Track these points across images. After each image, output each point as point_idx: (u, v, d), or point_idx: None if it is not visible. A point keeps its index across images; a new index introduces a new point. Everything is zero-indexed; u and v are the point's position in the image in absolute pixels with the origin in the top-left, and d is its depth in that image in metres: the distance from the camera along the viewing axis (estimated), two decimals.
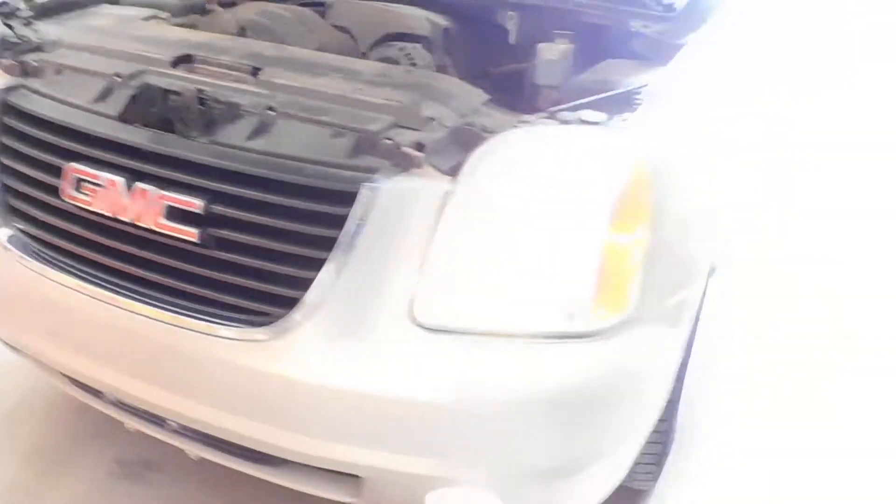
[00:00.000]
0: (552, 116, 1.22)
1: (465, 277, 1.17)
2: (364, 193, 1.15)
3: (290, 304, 1.19)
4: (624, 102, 1.26)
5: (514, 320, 1.17)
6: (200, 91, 1.30)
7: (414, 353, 1.17)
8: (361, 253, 1.16)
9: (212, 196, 1.23)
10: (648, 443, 1.58)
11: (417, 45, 1.69)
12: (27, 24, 1.61)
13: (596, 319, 1.18)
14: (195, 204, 1.22)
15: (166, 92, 1.32)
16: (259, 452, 1.33)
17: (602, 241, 1.16)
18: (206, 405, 1.29)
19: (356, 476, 1.29)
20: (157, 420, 1.43)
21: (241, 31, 1.76)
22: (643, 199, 1.18)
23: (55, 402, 2.05)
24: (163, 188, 1.25)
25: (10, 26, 1.60)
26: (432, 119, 1.22)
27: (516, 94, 1.53)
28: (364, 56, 1.67)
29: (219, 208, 1.22)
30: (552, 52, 1.55)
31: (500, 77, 1.74)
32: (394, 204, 1.16)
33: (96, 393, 1.50)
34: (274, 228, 1.20)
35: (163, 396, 1.32)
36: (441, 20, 1.79)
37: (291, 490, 1.42)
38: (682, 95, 1.38)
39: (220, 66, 1.39)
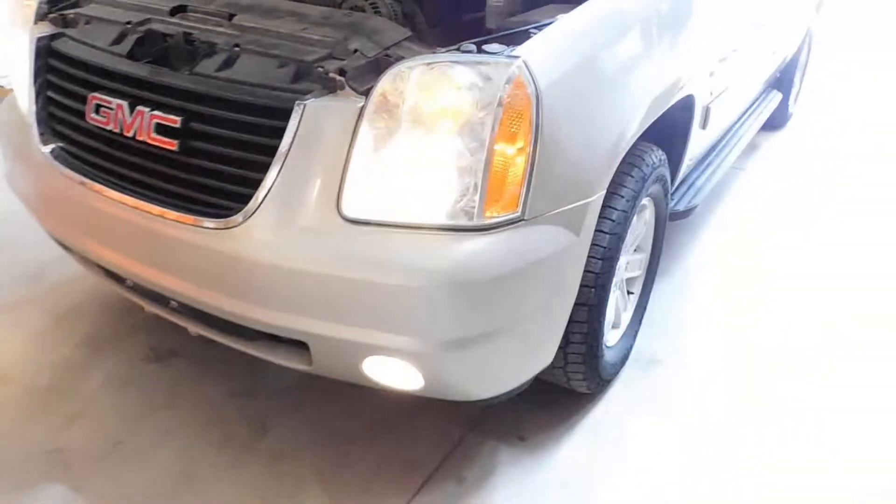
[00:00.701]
0: (458, 49, 1.46)
1: (377, 179, 1.44)
2: (297, 110, 1.43)
3: (244, 200, 1.49)
4: (523, 36, 1.49)
5: (418, 215, 1.44)
6: (187, 34, 1.63)
7: (340, 240, 1.46)
8: (297, 159, 1.45)
9: (188, 115, 1.54)
10: (572, 343, 1.83)
11: None
12: None
13: (486, 216, 1.43)
14: (175, 120, 1.55)
15: (163, 35, 1.65)
16: (234, 325, 1.65)
17: (487, 150, 1.39)
18: (187, 282, 1.62)
19: (306, 345, 1.59)
20: (162, 300, 1.78)
21: None
22: (524, 116, 1.41)
23: (108, 302, 2.47)
24: (153, 109, 1.58)
25: None
26: (356, 51, 1.49)
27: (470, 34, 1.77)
28: (338, 5, 1.94)
29: (193, 124, 1.54)
30: (497, 0, 1.79)
31: (459, 23, 1.98)
32: (320, 118, 1.44)
33: (119, 279, 1.87)
34: (232, 139, 1.51)
35: (158, 276, 1.66)
36: None
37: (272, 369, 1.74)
38: (579, 28, 1.57)
39: (205, 13, 1.71)
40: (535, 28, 1.52)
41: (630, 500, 1.83)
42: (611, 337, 2.13)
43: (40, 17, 1.93)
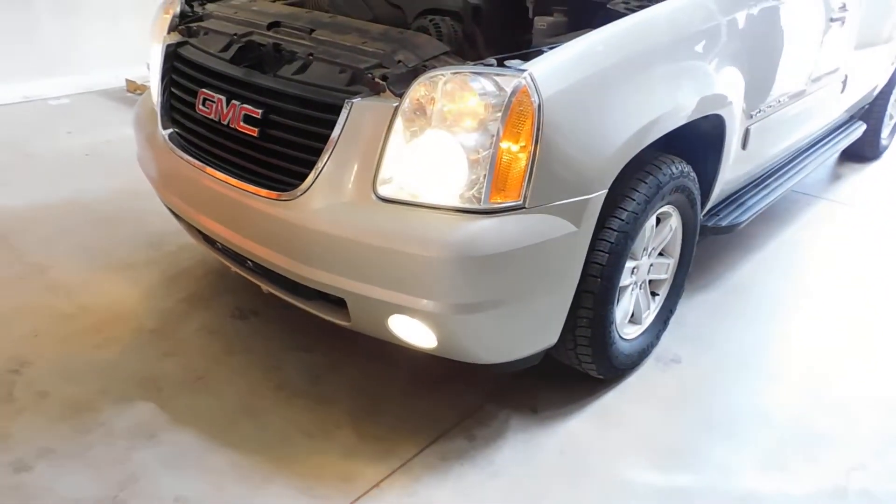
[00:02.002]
0: (482, 63, 1.76)
1: (406, 166, 1.77)
2: (346, 107, 1.79)
3: (303, 178, 1.86)
4: (539, 54, 1.77)
5: (437, 197, 1.75)
6: (276, 44, 2.02)
7: (374, 215, 1.79)
8: (343, 147, 1.80)
9: (267, 108, 1.93)
10: (579, 326, 2.07)
11: (446, 18, 2.27)
12: (201, 3, 2.44)
13: (491, 202, 1.72)
14: (257, 112, 1.94)
15: (259, 44, 2.06)
16: (293, 284, 2.02)
17: (495, 147, 1.68)
18: (258, 244, 2.00)
19: (344, 303, 1.93)
20: (242, 261, 2.18)
21: (325, 7, 2.48)
22: (527, 120, 1.68)
23: (210, 268, 2.93)
24: (243, 103, 1.98)
25: (190, 5, 2.45)
26: (399, 61, 1.83)
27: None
28: (408, 25, 2.28)
29: (271, 116, 1.93)
30: (541, 23, 2.09)
31: (511, 43, 2.28)
32: (364, 115, 1.79)
33: (212, 242, 2.29)
34: (297, 129, 1.89)
35: (238, 238, 2.06)
36: None
37: (340, 333, 2.08)
38: (586, 50, 1.83)
39: (293, 28, 2.10)
40: (548, 48, 1.80)
41: (615, 471, 2.04)
42: (629, 330, 2.33)
43: (172, 28, 2.41)
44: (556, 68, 1.75)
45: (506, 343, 1.94)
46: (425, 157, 1.75)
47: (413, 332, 1.88)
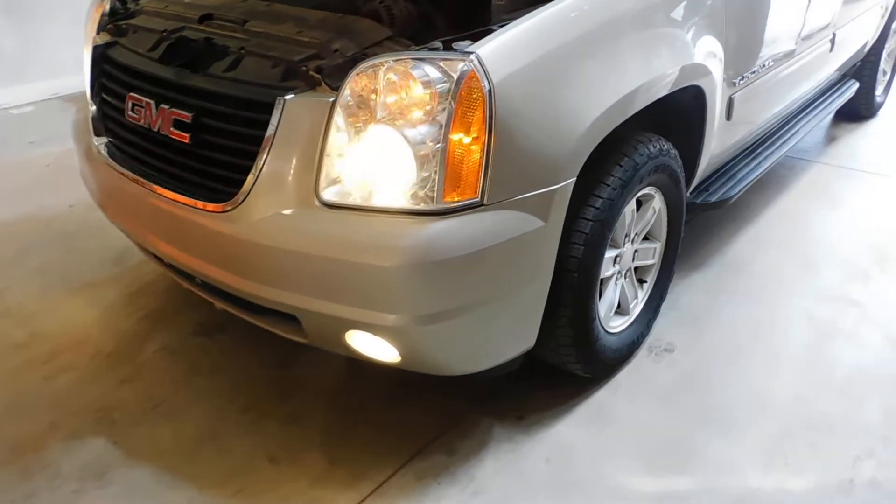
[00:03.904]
0: (426, 46, 1.58)
1: (349, 167, 1.59)
2: (278, 105, 1.61)
3: (239, 186, 1.68)
4: (487, 33, 1.59)
5: (385, 200, 1.57)
6: (208, 39, 1.84)
7: (318, 223, 1.62)
8: (279, 149, 1.63)
9: (198, 111, 1.75)
10: (559, 326, 1.90)
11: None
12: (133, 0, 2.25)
13: (445, 201, 1.54)
14: (187, 116, 1.76)
15: (190, 41, 1.87)
16: (244, 300, 1.85)
17: (444, 140, 1.51)
18: (201, 260, 1.83)
19: (297, 319, 1.76)
20: (190, 277, 2.01)
21: None
22: (477, 109, 1.50)
23: (173, 282, 2.76)
24: (172, 107, 1.80)
25: (122, 1, 2.26)
26: (336, 50, 1.65)
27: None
28: (358, 9, 2.09)
29: (202, 119, 1.75)
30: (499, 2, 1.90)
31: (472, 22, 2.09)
32: (298, 112, 1.61)
33: (159, 259, 2.12)
34: (230, 132, 1.71)
35: (181, 255, 1.89)
36: None
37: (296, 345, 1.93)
38: (540, 25, 1.64)
39: (226, 20, 1.91)
40: (499, 25, 1.62)
41: (605, 478, 1.88)
42: (615, 323, 2.17)
43: (102, 27, 2.22)
44: (508, 48, 1.57)
45: (476, 351, 1.77)
46: (369, 155, 1.57)
47: (374, 347, 1.72)
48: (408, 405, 2.13)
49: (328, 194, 1.61)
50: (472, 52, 1.51)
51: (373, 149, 1.57)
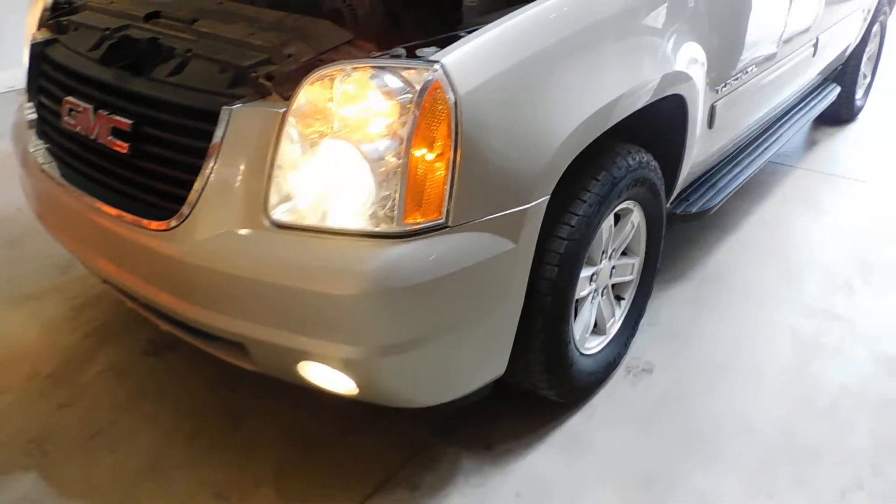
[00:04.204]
0: (388, 53, 1.43)
1: (301, 184, 1.44)
2: (223, 115, 1.45)
3: (182, 202, 1.53)
4: (454, 40, 1.44)
5: (341, 221, 1.42)
6: (153, 39, 1.67)
7: (267, 245, 1.46)
8: (225, 163, 1.47)
9: (138, 118, 1.59)
10: (531, 351, 1.77)
11: None
12: None
13: (407, 223, 1.40)
14: (126, 123, 1.60)
15: (134, 41, 1.70)
16: (188, 325, 1.69)
17: (405, 156, 1.36)
18: (142, 280, 1.67)
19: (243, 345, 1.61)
20: (132, 296, 1.85)
21: None
22: (442, 122, 1.36)
23: (116, 299, 2.59)
24: (111, 113, 1.64)
25: None
26: (290, 55, 1.49)
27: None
28: (320, 8, 1.93)
29: (142, 127, 1.59)
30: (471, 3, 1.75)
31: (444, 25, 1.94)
32: (246, 123, 1.45)
33: (98, 274, 1.95)
34: (172, 143, 1.55)
35: (120, 274, 1.73)
36: None
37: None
38: (513, 32, 1.50)
39: (174, 19, 1.75)
40: (467, 31, 1.47)
41: None
42: (591, 344, 2.05)
43: (42, 23, 2.04)
44: (478, 55, 1.43)
45: (441, 382, 1.63)
46: (323, 172, 1.43)
47: (329, 378, 1.57)
48: (368, 431, 1.98)
49: (279, 214, 1.46)
50: (436, 61, 1.36)
51: (327, 165, 1.42)
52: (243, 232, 1.48)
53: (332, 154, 1.41)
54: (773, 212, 3.20)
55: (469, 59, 1.41)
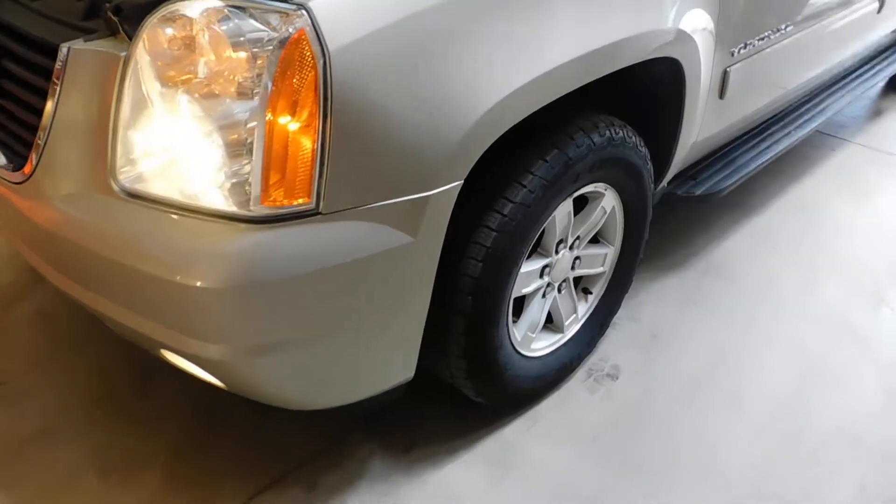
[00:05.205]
0: None
1: (147, 145, 1.19)
2: (61, 53, 1.20)
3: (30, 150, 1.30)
4: None
5: (189, 196, 1.18)
6: None
7: (113, 214, 1.23)
8: (67, 111, 1.23)
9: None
10: (451, 356, 1.52)
11: None
12: None
13: (267, 205, 1.14)
14: None
15: None
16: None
17: (261, 121, 1.10)
18: (13, 235, 1.48)
19: None
20: None
21: None
22: (306, 82, 1.08)
23: None
24: None
25: None
26: None
27: None
28: None
29: (2, 60, 1.36)
30: None
31: None
32: (86, 66, 1.20)
33: None
34: (24, 81, 1.32)
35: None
36: None
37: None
38: None
39: None
40: None
41: None
42: (541, 344, 1.77)
43: None
44: (362, 3, 1.12)
45: (329, 386, 1.40)
46: (168, 134, 1.17)
47: (194, 369, 1.36)
48: (288, 414, 1.77)
49: (126, 180, 1.22)
50: (302, 5, 1.07)
51: (171, 126, 1.16)
52: (91, 196, 1.25)
53: (176, 112, 1.15)
54: (809, 195, 2.78)
55: (349, 2, 1.10)
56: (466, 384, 1.59)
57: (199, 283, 1.16)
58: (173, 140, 1.17)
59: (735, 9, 1.78)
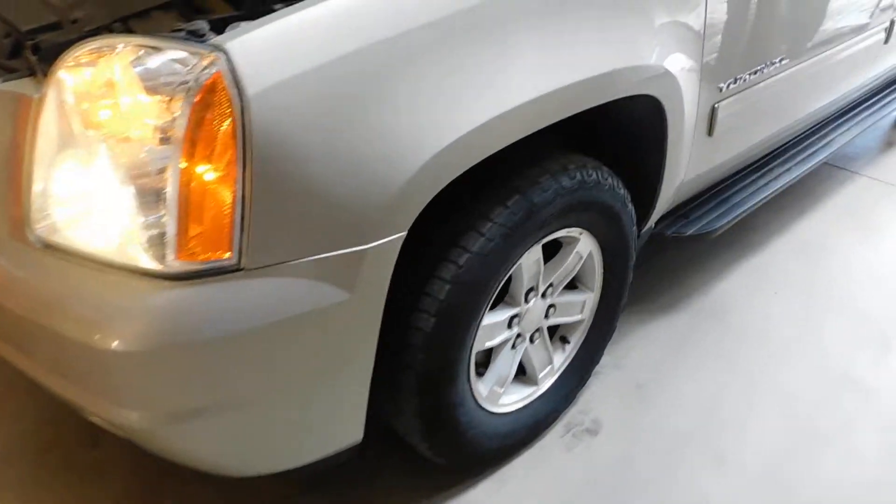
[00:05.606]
0: (180, 30, 1.06)
1: (57, 196, 1.10)
2: None
3: None
4: (266, 13, 1.05)
5: (102, 249, 1.08)
6: None
7: (28, 266, 1.14)
8: None
9: None
10: (407, 416, 1.41)
11: None
12: None
13: (183, 260, 1.04)
14: None
15: None
16: None
17: (175, 169, 1.00)
18: None
19: None
20: None
21: None
22: (222, 128, 0.98)
23: None
24: None
25: None
26: (76, 21, 1.14)
27: None
28: None
29: None
30: None
31: None
32: (2, 106, 1.12)
33: None
34: None
35: None
36: None
37: None
38: (354, 6, 1.08)
39: None
40: (282, 5, 1.07)
41: None
42: (511, 398, 1.65)
43: None
44: (286, 40, 1.02)
45: (265, 453, 1.28)
46: (78, 182, 1.08)
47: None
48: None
49: (41, 229, 1.13)
50: (219, 46, 0.98)
51: (84, 172, 1.07)
52: (6, 244, 1.16)
53: (90, 158, 1.06)
54: (815, 232, 2.64)
55: (271, 44, 1.01)
56: (423, 445, 1.47)
57: (112, 345, 1.06)
58: (87, 188, 1.08)
59: (721, 42, 1.67)
